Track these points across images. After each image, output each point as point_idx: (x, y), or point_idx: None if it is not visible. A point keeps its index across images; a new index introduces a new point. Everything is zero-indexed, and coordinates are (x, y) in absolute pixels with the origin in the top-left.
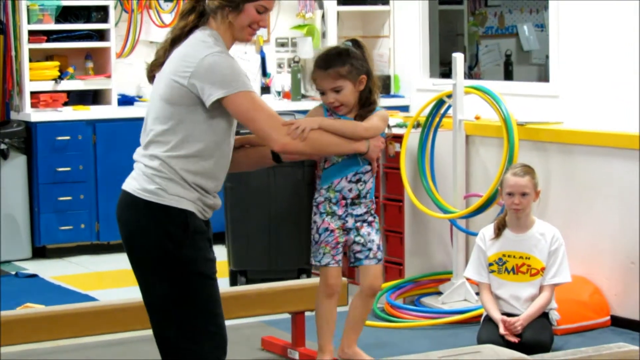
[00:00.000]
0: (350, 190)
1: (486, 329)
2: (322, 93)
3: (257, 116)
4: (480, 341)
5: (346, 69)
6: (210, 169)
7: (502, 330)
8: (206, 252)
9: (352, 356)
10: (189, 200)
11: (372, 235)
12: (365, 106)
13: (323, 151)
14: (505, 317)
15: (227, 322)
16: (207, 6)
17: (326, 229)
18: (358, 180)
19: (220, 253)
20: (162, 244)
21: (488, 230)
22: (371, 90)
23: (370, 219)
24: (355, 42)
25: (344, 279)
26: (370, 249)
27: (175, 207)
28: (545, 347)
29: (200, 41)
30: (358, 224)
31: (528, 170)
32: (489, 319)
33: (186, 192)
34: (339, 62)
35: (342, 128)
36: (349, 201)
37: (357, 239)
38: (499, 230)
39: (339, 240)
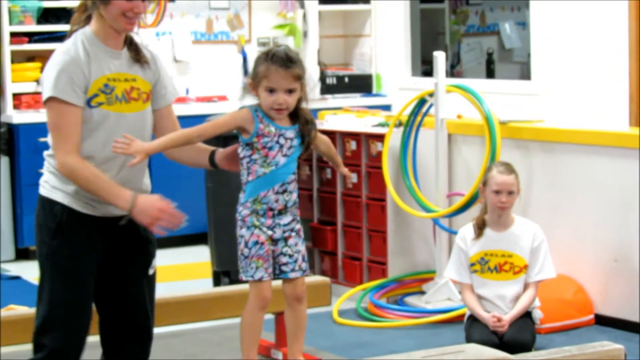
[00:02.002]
0: (277, 201)
1: (476, 330)
2: (271, 91)
3: (52, 129)
4: (472, 342)
5: (302, 72)
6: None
7: (492, 326)
8: (79, 248)
9: None
10: (65, 193)
11: (299, 245)
12: (304, 120)
13: (82, 187)
14: (495, 314)
15: (211, 323)
16: (88, 5)
17: (256, 242)
18: (284, 191)
19: (204, 254)
20: (39, 232)
21: (468, 230)
22: (301, 103)
23: (297, 226)
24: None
25: (327, 278)
26: (295, 261)
27: (50, 198)
28: (527, 347)
29: (65, 42)
30: (286, 234)
31: (512, 169)
32: (474, 319)
33: (63, 185)
34: (299, 64)
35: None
36: (275, 212)
37: (285, 249)
38: (480, 229)
39: (269, 252)
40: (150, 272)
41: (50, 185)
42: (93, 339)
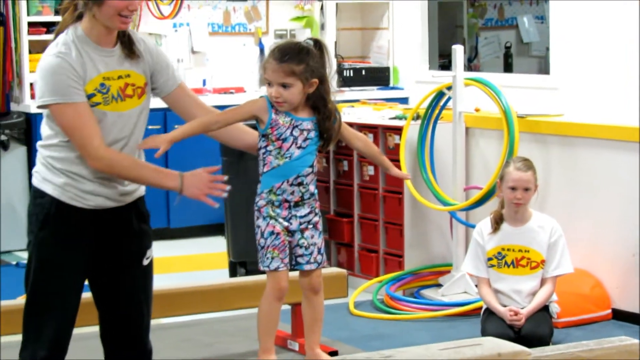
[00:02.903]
0: (292, 193)
1: (491, 323)
2: (269, 84)
3: (70, 132)
4: (486, 335)
5: (301, 68)
6: (78, 157)
7: (509, 319)
8: (64, 241)
9: (314, 357)
10: (55, 185)
11: (315, 238)
12: (322, 114)
13: (124, 177)
14: (512, 307)
15: (227, 313)
16: (78, 4)
17: (272, 233)
18: (300, 184)
19: (220, 244)
20: (29, 222)
21: (485, 225)
22: (323, 97)
23: (315, 219)
24: (318, 43)
25: (344, 270)
26: (311, 253)
27: (39, 189)
28: (544, 341)
29: (54, 42)
30: (302, 226)
31: (530, 165)
32: (490, 313)
33: (53, 177)
34: (296, 59)
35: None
36: (292, 203)
37: (301, 241)
38: (497, 224)
39: (285, 242)
40: (145, 262)
41: (41, 177)
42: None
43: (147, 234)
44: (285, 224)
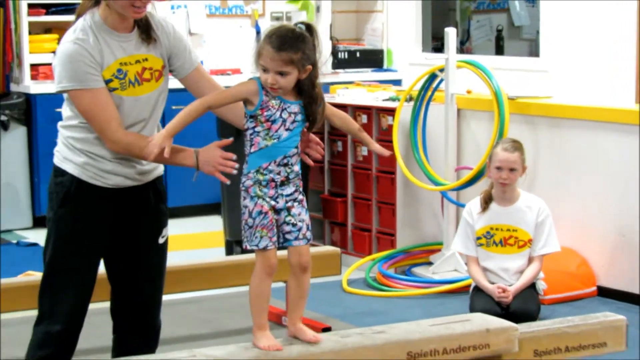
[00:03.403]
0: (279, 173)
1: (479, 300)
2: (264, 70)
3: (89, 117)
4: (474, 312)
5: (298, 56)
6: (97, 138)
7: (497, 296)
8: (83, 218)
9: (296, 333)
10: (75, 164)
11: (303, 215)
12: (308, 98)
13: (142, 157)
14: (500, 285)
15: (224, 290)
16: None
17: (260, 212)
18: (286, 164)
19: (217, 223)
20: (49, 199)
21: (475, 204)
22: (312, 82)
23: (300, 197)
24: (309, 28)
25: (337, 248)
26: (300, 230)
27: (60, 167)
28: (532, 317)
29: (72, 27)
30: (289, 204)
31: (518, 146)
32: (478, 290)
33: (73, 156)
34: (294, 47)
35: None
36: (278, 183)
37: (288, 219)
38: (486, 203)
39: (273, 221)
40: (160, 241)
41: (62, 156)
42: (102, 306)
43: (164, 212)
44: (273, 202)
